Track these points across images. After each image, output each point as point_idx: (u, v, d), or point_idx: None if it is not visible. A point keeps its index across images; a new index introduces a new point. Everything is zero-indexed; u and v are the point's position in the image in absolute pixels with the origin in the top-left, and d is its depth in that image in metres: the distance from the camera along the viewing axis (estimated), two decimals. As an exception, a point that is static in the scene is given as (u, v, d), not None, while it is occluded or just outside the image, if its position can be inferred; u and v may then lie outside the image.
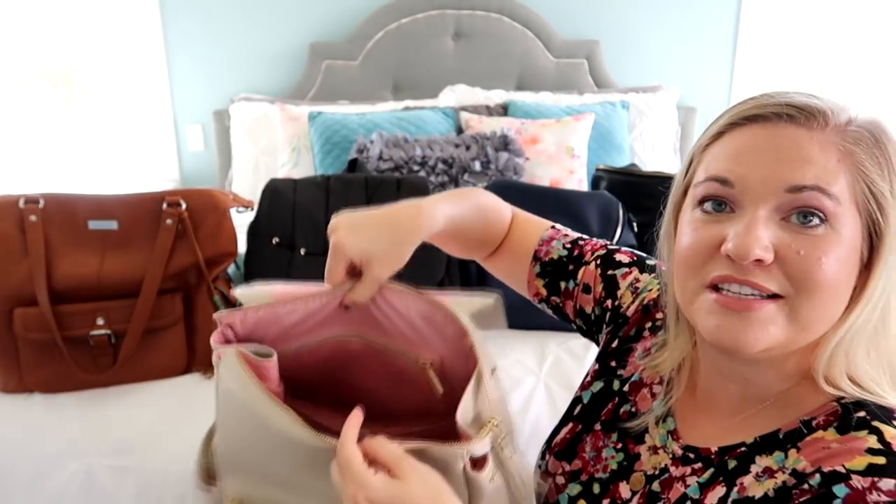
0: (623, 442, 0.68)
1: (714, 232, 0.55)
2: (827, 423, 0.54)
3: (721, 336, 0.54)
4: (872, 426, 0.51)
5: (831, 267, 0.52)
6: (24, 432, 1.15)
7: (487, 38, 2.70)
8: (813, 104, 0.55)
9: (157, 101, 2.75)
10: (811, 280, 0.52)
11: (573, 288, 0.79)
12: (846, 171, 0.53)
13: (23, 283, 1.14)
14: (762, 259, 0.52)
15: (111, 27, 2.69)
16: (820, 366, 0.55)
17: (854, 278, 0.54)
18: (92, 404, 1.18)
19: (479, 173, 2.06)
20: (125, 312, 1.17)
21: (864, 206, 0.53)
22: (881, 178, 0.54)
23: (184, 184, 2.84)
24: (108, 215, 1.20)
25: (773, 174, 0.53)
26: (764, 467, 0.55)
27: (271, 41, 2.74)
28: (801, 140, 0.53)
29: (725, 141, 0.57)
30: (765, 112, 0.55)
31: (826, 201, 0.52)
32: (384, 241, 0.67)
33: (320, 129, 2.35)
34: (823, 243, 0.52)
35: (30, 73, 2.73)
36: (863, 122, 0.55)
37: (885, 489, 0.47)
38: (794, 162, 0.53)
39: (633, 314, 0.75)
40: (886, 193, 0.53)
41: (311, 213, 1.39)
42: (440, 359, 0.72)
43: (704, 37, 2.81)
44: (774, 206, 0.53)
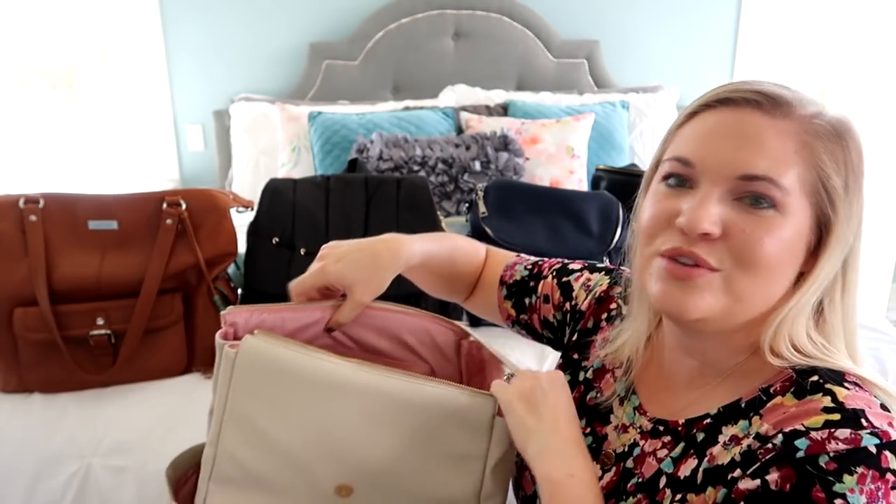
0: (591, 426, 0.72)
1: (672, 204, 0.60)
2: (784, 388, 0.57)
3: (664, 301, 0.59)
4: (826, 388, 0.55)
5: (772, 247, 0.56)
6: (23, 432, 1.15)
7: (487, 38, 2.70)
8: (780, 93, 0.58)
9: (157, 101, 2.75)
10: (750, 256, 0.56)
11: (535, 301, 0.85)
12: (801, 161, 0.56)
13: (23, 282, 1.14)
14: (709, 232, 0.56)
15: (111, 27, 2.69)
16: (766, 339, 0.59)
17: (799, 262, 0.58)
18: (92, 404, 1.18)
19: (479, 173, 2.06)
20: (125, 312, 1.17)
21: (816, 197, 0.57)
22: (836, 172, 0.57)
23: (184, 184, 2.84)
24: (108, 215, 1.20)
25: (730, 160, 0.57)
26: (731, 435, 0.58)
27: (271, 41, 2.74)
28: (763, 127, 0.57)
29: (695, 122, 0.61)
30: (734, 96, 0.59)
31: (775, 191, 0.55)
32: (365, 269, 0.74)
33: (320, 129, 2.35)
34: (768, 224, 0.56)
35: (30, 73, 2.73)
36: (828, 118, 0.58)
37: (841, 437, 0.51)
38: (751, 150, 0.56)
39: (587, 308, 0.80)
40: (839, 188, 0.57)
41: (311, 213, 1.39)
42: (430, 370, 0.76)
43: (704, 37, 2.81)
44: (728, 188, 0.57)
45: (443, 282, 0.89)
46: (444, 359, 0.77)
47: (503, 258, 0.92)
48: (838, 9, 2.81)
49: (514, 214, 1.48)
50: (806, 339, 0.58)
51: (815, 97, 0.59)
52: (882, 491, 0.49)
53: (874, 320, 1.47)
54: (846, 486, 0.49)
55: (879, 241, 2.69)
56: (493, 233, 1.44)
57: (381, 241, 0.79)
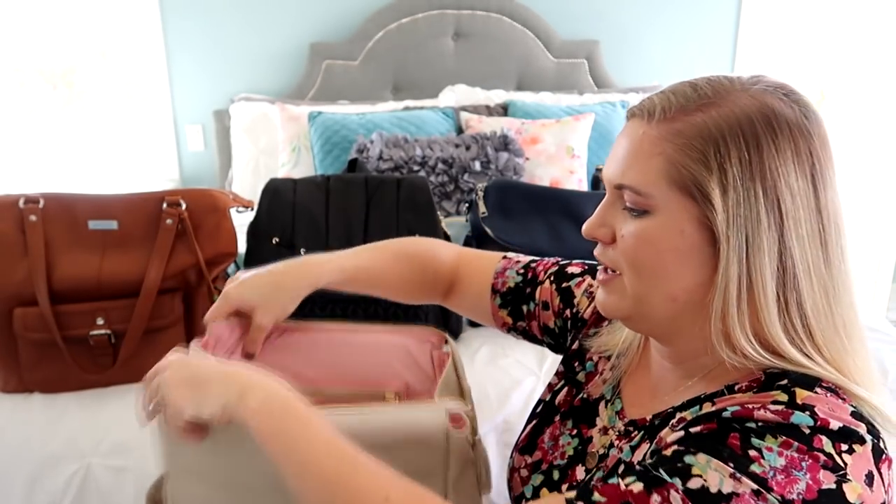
0: (577, 427, 0.72)
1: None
2: (748, 388, 0.56)
3: (596, 302, 0.66)
4: (790, 390, 0.53)
5: (648, 251, 0.58)
6: (23, 432, 1.15)
7: (487, 38, 2.70)
8: (652, 100, 0.59)
9: (157, 101, 2.75)
10: (632, 259, 0.60)
11: (534, 309, 0.84)
12: (667, 163, 0.57)
13: (23, 282, 1.14)
14: (596, 237, 0.63)
15: (111, 27, 2.69)
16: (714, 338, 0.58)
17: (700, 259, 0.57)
18: (92, 404, 1.18)
19: (479, 173, 2.06)
20: (125, 312, 1.17)
21: (690, 195, 0.56)
22: (706, 167, 0.55)
23: (184, 184, 2.84)
24: (108, 215, 1.20)
25: (610, 170, 0.62)
26: (679, 418, 0.59)
27: (271, 41, 2.74)
28: (636, 136, 0.60)
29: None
30: (633, 109, 0.62)
31: (640, 199, 0.58)
32: (265, 291, 0.76)
33: (320, 129, 2.35)
34: (641, 229, 0.59)
35: (29, 73, 2.73)
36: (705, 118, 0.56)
37: (773, 409, 0.51)
38: (624, 159, 0.60)
39: (590, 316, 0.80)
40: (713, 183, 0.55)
41: (310, 214, 1.39)
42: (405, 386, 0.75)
43: (704, 37, 2.81)
44: (616, 196, 0.62)
45: (396, 290, 0.87)
46: (421, 373, 0.75)
47: (487, 262, 0.89)
48: (838, 9, 2.81)
49: (514, 214, 1.48)
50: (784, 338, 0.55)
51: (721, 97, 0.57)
52: (808, 464, 0.47)
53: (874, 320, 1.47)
54: (764, 444, 0.48)
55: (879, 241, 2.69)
56: (493, 233, 1.44)
57: (289, 264, 0.80)
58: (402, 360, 0.75)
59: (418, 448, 0.62)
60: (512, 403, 1.22)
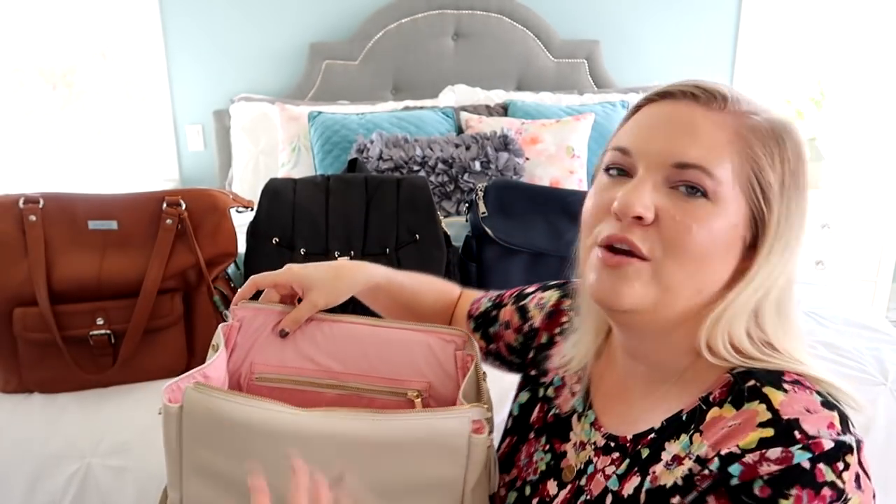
0: (550, 443, 0.71)
1: (611, 194, 0.59)
2: (722, 396, 0.56)
3: (597, 290, 0.59)
4: (762, 393, 0.53)
5: (701, 236, 0.55)
6: (23, 432, 1.15)
7: (487, 38, 2.70)
8: (716, 87, 0.59)
9: (157, 101, 2.75)
10: (679, 244, 0.56)
11: (499, 329, 0.86)
12: (735, 153, 0.56)
13: (22, 283, 1.14)
14: (642, 216, 0.56)
15: (111, 27, 2.69)
16: (703, 337, 0.58)
17: (735, 257, 0.58)
18: (92, 404, 1.18)
19: (479, 173, 2.06)
20: (125, 312, 1.17)
21: (749, 191, 0.57)
22: (771, 168, 0.56)
23: (184, 184, 2.84)
24: (108, 215, 1.20)
25: (664, 148, 0.57)
26: (673, 455, 0.57)
27: (271, 41, 2.74)
28: (697, 117, 0.57)
29: (638, 115, 0.62)
30: (674, 90, 0.60)
31: (707, 180, 0.55)
32: (326, 275, 0.79)
33: (320, 129, 2.35)
34: (699, 213, 0.56)
35: (29, 73, 2.73)
36: (767, 116, 0.58)
37: (773, 458, 0.50)
38: (685, 138, 0.57)
39: (540, 324, 0.81)
40: (774, 184, 0.57)
41: (310, 213, 1.39)
42: (428, 385, 0.76)
43: (704, 37, 2.81)
44: (663, 176, 0.57)
45: (407, 310, 0.89)
46: (444, 373, 0.76)
47: (473, 294, 0.94)
48: (838, 9, 2.81)
49: (514, 214, 1.48)
50: (746, 339, 0.57)
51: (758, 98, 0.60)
52: None
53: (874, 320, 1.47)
54: None
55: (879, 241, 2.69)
56: (493, 233, 1.43)
57: (345, 261, 0.85)
58: (425, 359, 0.76)
59: (439, 455, 0.62)
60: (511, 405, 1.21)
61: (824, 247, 2.70)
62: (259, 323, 0.76)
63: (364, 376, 0.75)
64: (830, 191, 2.71)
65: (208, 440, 0.61)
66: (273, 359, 0.75)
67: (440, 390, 0.76)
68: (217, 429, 0.61)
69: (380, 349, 0.76)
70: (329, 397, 0.76)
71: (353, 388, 0.76)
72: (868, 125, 2.88)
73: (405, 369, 0.76)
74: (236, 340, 0.75)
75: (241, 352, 0.75)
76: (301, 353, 0.76)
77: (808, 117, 2.74)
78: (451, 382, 0.75)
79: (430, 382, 0.76)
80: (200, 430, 0.61)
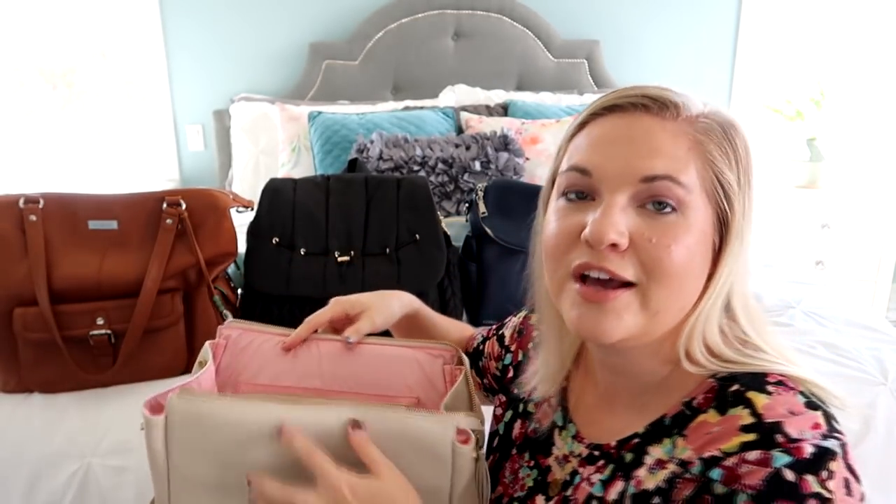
0: (534, 459, 0.70)
1: (576, 219, 0.58)
2: (706, 401, 0.56)
3: (581, 326, 0.57)
4: (746, 398, 0.53)
5: (681, 254, 0.54)
6: (23, 432, 1.15)
7: (487, 38, 2.70)
8: (666, 95, 0.58)
9: (157, 101, 2.75)
10: (661, 267, 0.54)
11: (485, 362, 0.87)
12: (696, 159, 0.56)
13: (23, 282, 1.14)
14: (617, 243, 0.54)
15: (111, 27, 2.69)
16: (681, 346, 0.58)
17: (707, 266, 0.57)
18: (92, 404, 1.18)
19: (479, 173, 2.06)
20: (125, 312, 1.17)
21: (713, 194, 0.56)
22: (729, 168, 0.57)
23: (184, 184, 2.84)
24: (108, 215, 1.20)
25: (628, 164, 0.56)
26: (656, 459, 0.57)
27: (271, 41, 2.74)
28: (654, 130, 0.56)
29: (587, 131, 0.60)
30: (622, 102, 0.58)
31: (678, 190, 0.55)
32: (376, 298, 0.81)
33: (320, 128, 2.35)
34: (674, 230, 0.55)
35: (29, 73, 2.73)
36: (714, 117, 0.58)
37: (751, 459, 0.49)
38: (648, 152, 0.55)
39: (511, 342, 0.83)
40: (734, 183, 0.57)
41: (311, 213, 1.39)
42: (417, 401, 0.75)
43: (704, 37, 2.81)
44: (630, 194, 0.56)
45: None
46: (432, 389, 0.75)
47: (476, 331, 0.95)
48: (838, 9, 2.81)
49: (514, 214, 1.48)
50: (720, 341, 0.57)
51: (698, 97, 0.59)
52: None
53: (874, 320, 1.47)
54: None
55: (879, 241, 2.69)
56: (493, 233, 1.44)
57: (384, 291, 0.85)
58: (413, 375, 0.75)
59: (426, 458, 0.61)
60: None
61: (824, 247, 2.70)
62: (245, 342, 0.75)
63: (352, 393, 0.75)
64: (830, 191, 2.71)
65: (197, 448, 0.59)
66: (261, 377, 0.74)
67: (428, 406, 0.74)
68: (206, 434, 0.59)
69: (368, 366, 0.75)
70: None
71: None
72: (868, 125, 2.88)
73: (393, 386, 0.75)
74: (221, 359, 0.74)
75: (227, 371, 0.74)
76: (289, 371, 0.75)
77: (808, 117, 2.74)
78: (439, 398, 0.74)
79: (419, 398, 0.75)
80: (188, 438, 0.59)
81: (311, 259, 1.35)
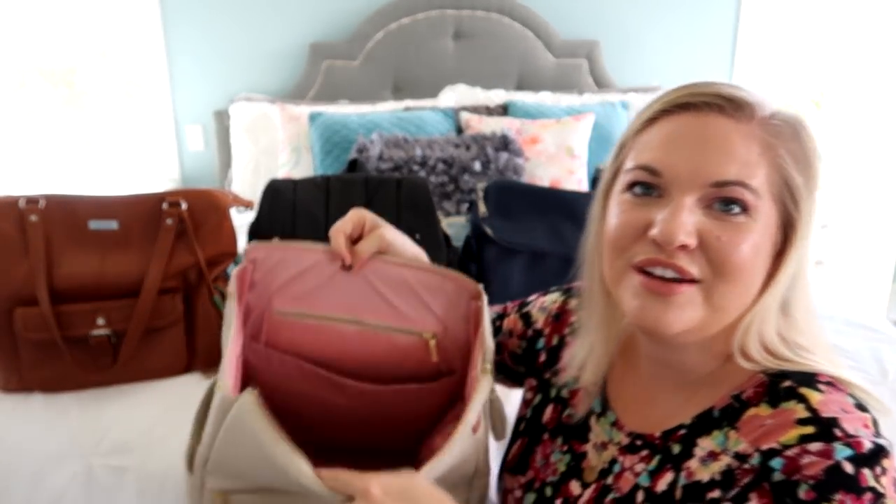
0: (568, 444, 0.71)
1: (642, 215, 0.58)
2: (756, 395, 0.57)
3: (643, 317, 0.58)
4: (799, 394, 0.54)
5: (747, 253, 0.55)
6: (24, 432, 1.15)
7: (487, 38, 2.70)
8: (741, 95, 0.57)
9: (157, 101, 2.75)
10: (729, 265, 0.55)
11: (502, 339, 0.86)
12: (766, 164, 0.56)
13: (23, 283, 1.14)
14: (686, 244, 0.55)
15: (111, 27, 2.69)
16: (737, 343, 0.59)
17: (767, 264, 0.58)
18: (92, 404, 1.18)
19: (479, 173, 2.06)
20: (125, 312, 1.17)
21: (780, 197, 0.57)
22: (797, 171, 0.57)
23: (184, 184, 2.85)
24: (109, 215, 1.20)
25: (699, 167, 0.56)
26: (708, 451, 0.57)
27: (271, 41, 2.74)
28: (728, 132, 0.56)
29: (656, 128, 0.60)
30: (695, 101, 0.58)
31: (747, 194, 0.55)
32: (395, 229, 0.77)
33: (320, 129, 2.35)
34: (742, 230, 0.55)
35: (30, 73, 2.73)
36: (785, 117, 0.58)
37: (814, 450, 0.50)
38: (721, 156, 0.56)
39: (544, 325, 0.81)
40: (801, 186, 0.57)
41: (311, 214, 1.39)
42: (443, 328, 0.76)
43: (704, 37, 2.81)
44: (699, 196, 0.56)
45: None
46: (459, 317, 0.76)
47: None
48: (838, 10, 2.81)
49: (514, 214, 1.48)
50: (777, 339, 0.58)
51: (768, 95, 0.59)
52: None
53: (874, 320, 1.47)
54: None
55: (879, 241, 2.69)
56: (493, 233, 1.44)
57: None
58: (439, 302, 0.76)
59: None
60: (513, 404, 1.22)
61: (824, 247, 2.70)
62: (276, 260, 0.75)
63: (382, 315, 0.76)
64: (830, 191, 2.71)
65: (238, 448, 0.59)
66: (293, 293, 0.76)
67: (455, 333, 0.77)
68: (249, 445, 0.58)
69: (397, 288, 0.76)
70: (349, 333, 0.77)
71: (373, 325, 0.77)
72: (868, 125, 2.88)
73: (421, 310, 0.76)
74: (253, 278, 0.75)
75: (259, 288, 0.76)
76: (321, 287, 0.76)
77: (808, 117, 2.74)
78: (463, 326, 0.76)
79: (446, 326, 0.76)
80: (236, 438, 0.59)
81: (312, 259, 1.35)
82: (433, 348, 0.76)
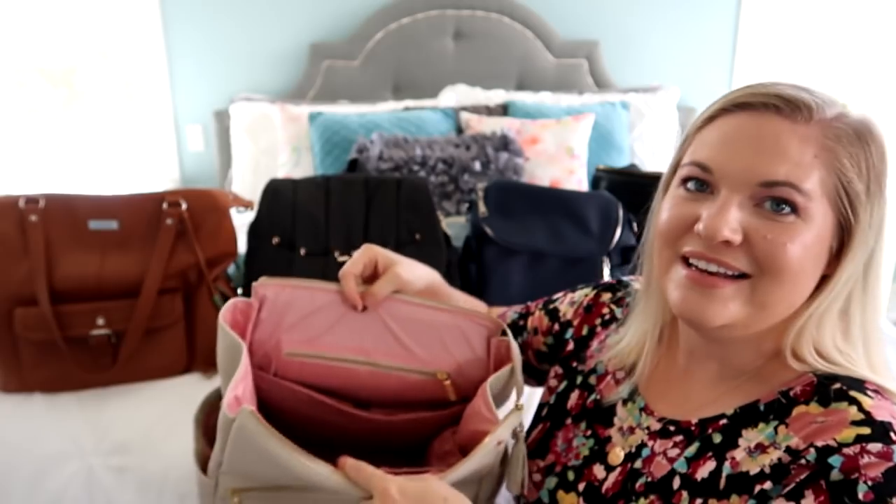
0: (592, 428, 0.71)
1: (691, 209, 0.60)
2: (805, 394, 0.57)
3: (685, 308, 0.59)
4: (850, 396, 0.54)
5: (795, 253, 0.55)
6: (24, 432, 1.15)
7: (487, 38, 2.70)
8: (800, 97, 0.57)
9: (157, 101, 2.75)
10: (775, 263, 0.56)
11: (527, 337, 0.87)
12: (822, 166, 0.56)
13: (23, 283, 1.14)
14: (730, 240, 0.56)
15: (111, 27, 2.69)
16: (788, 343, 0.59)
17: (822, 267, 0.58)
18: (92, 404, 1.18)
19: (479, 173, 2.06)
20: (125, 312, 1.17)
21: (837, 201, 0.56)
22: (858, 176, 0.56)
23: (184, 184, 2.85)
24: (109, 215, 1.21)
25: (750, 167, 0.56)
26: (756, 443, 0.57)
27: (271, 41, 2.74)
28: (783, 132, 0.56)
29: (714, 126, 0.61)
30: (753, 101, 0.58)
31: (797, 196, 0.55)
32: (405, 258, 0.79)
33: (320, 129, 2.35)
34: (791, 230, 0.55)
35: (30, 73, 2.73)
36: (849, 120, 0.57)
37: (873, 451, 0.50)
38: (772, 156, 0.56)
39: (574, 316, 0.81)
40: (861, 193, 0.56)
41: (311, 214, 1.39)
42: (457, 367, 0.76)
43: (704, 37, 2.81)
44: (748, 194, 0.57)
45: None
46: (473, 356, 0.76)
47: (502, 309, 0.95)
48: (838, 9, 2.81)
49: (514, 214, 1.48)
50: (831, 344, 0.58)
51: (836, 98, 0.59)
52: None
53: (874, 320, 1.47)
54: None
55: (879, 241, 2.69)
56: (494, 233, 1.44)
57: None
58: (455, 341, 0.76)
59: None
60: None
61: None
62: (285, 300, 0.74)
63: (394, 356, 0.76)
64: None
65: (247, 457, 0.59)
66: (303, 334, 0.74)
67: (469, 372, 0.76)
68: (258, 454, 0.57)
69: (410, 329, 0.76)
70: (362, 374, 0.76)
71: (385, 366, 0.76)
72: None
73: (435, 349, 0.76)
74: (259, 317, 0.74)
75: (266, 327, 0.74)
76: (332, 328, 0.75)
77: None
78: (480, 364, 0.76)
79: (460, 364, 0.76)
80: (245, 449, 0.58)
81: (312, 259, 1.35)
82: (449, 387, 0.76)
